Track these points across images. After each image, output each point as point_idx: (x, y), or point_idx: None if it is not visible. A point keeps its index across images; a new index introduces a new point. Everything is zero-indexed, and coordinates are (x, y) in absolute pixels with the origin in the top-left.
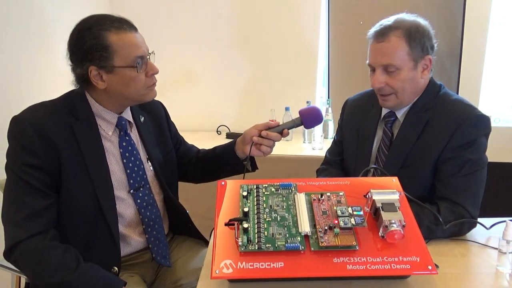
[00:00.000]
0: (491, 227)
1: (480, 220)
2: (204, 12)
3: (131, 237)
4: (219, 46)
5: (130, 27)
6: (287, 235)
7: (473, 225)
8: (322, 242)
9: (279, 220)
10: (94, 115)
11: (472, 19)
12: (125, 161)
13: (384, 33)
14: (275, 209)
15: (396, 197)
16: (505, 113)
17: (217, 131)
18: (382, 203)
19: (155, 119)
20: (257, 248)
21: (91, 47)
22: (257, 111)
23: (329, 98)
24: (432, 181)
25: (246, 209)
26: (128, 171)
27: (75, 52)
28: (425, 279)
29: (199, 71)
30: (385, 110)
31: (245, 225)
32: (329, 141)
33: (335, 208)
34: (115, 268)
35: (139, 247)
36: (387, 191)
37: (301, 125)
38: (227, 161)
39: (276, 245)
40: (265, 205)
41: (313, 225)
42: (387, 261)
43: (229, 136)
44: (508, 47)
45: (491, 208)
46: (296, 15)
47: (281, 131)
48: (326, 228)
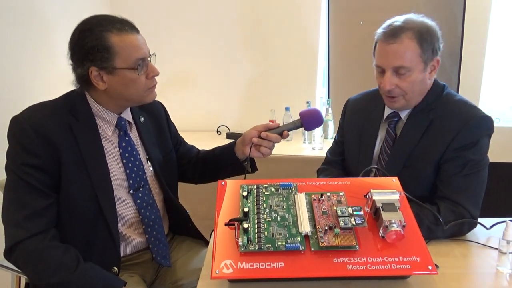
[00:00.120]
0: (491, 227)
1: (480, 220)
2: (204, 12)
3: (131, 237)
4: (219, 46)
5: (132, 29)
6: (287, 235)
7: (473, 225)
8: (322, 242)
9: (279, 220)
10: (94, 115)
11: (472, 19)
12: (124, 161)
13: (395, 34)
14: (275, 209)
15: (396, 197)
16: (505, 113)
17: (217, 131)
18: (382, 203)
19: (155, 120)
20: (257, 248)
21: (92, 47)
22: (257, 111)
23: (329, 98)
24: (434, 181)
25: (246, 209)
26: (127, 172)
27: (76, 52)
28: (425, 279)
29: (199, 71)
30: (388, 110)
31: (245, 225)
32: (329, 141)
33: (335, 208)
34: (115, 268)
35: (139, 247)
36: (387, 191)
37: (301, 127)
38: (226, 162)
39: (276, 245)
40: (265, 205)
41: (313, 225)
42: (387, 261)
43: (229, 136)
44: (508, 47)
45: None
46: (296, 15)
47: (281, 132)
48: (326, 228)
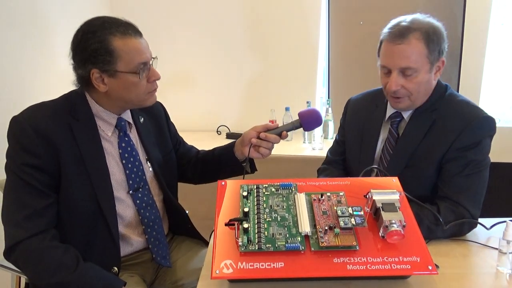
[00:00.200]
0: (492, 227)
1: (480, 220)
2: (204, 12)
3: (131, 238)
4: (219, 46)
5: (135, 33)
6: (287, 235)
7: (473, 225)
8: (322, 242)
9: (279, 220)
10: (93, 115)
11: (472, 19)
12: (124, 161)
13: (402, 35)
14: (275, 209)
15: (396, 197)
16: (505, 113)
17: (217, 131)
18: (382, 203)
19: (155, 120)
20: (257, 248)
21: (95, 50)
22: (257, 111)
23: (329, 98)
24: (435, 181)
25: (246, 209)
26: (127, 172)
27: (78, 53)
28: (425, 279)
29: (199, 71)
30: (390, 110)
31: (245, 225)
32: (329, 141)
33: (335, 208)
34: (115, 268)
35: (139, 247)
36: (387, 191)
37: (300, 128)
38: (226, 163)
39: (276, 245)
40: (265, 205)
41: (313, 225)
42: (387, 261)
43: (229, 136)
44: (508, 47)
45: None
46: (296, 15)
47: (280, 133)
48: (326, 228)
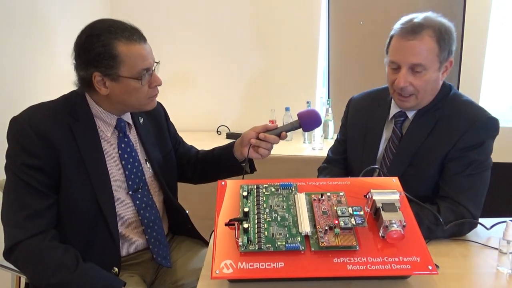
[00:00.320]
0: (492, 227)
1: (480, 220)
2: (204, 12)
3: (131, 238)
4: (219, 46)
5: (140, 38)
6: (287, 235)
7: (473, 225)
8: (322, 242)
9: (279, 220)
10: (93, 116)
11: (472, 19)
12: (123, 162)
13: (415, 31)
14: (275, 209)
15: (396, 197)
16: (505, 113)
17: (217, 131)
18: (382, 203)
19: (154, 120)
20: (257, 248)
21: (98, 54)
22: (257, 111)
23: (329, 98)
24: (438, 181)
25: (246, 209)
26: (126, 173)
27: (81, 55)
28: (426, 279)
29: (199, 71)
30: (394, 109)
31: (245, 225)
32: (329, 142)
33: (335, 208)
34: (115, 268)
35: (139, 248)
36: (387, 191)
37: (300, 128)
38: (225, 163)
39: (276, 245)
40: (265, 205)
41: (313, 225)
42: (387, 261)
43: (229, 136)
44: (508, 48)
45: (491, 208)
46: (296, 15)
47: (280, 133)
48: (326, 228)
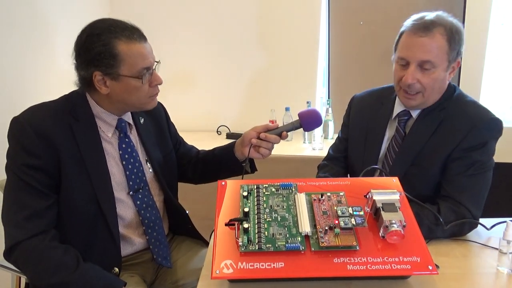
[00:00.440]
0: (492, 227)
1: (480, 220)
2: (204, 12)
3: (132, 238)
4: (219, 46)
5: (140, 37)
6: (288, 235)
7: (474, 226)
8: (322, 242)
9: (279, 220)
10: (94, 116)
11: (472, 19)
12: (124, 163)
13: (427, 28)
14: (276, 209)
15: (396, 197)
16: (505, 113)
17: (217, 132)
18: (382, 203)
19: (155, 120)
20: (257, 248)
21: (99, 53)
22: (257, 111)
23: (329, 98)
24: (439, 180)
25: (246, 209)
26: (127, 173)
27: (81, 55)
28: (426, 279)
29: (199, 71)
30: (398, 108)
31: (246, 225)
32: (329, 142)
33: (335, 208)
34: (116, 269)
35: (139, 248)
36: (388, 191)
37: (300, 128)
38: (226, 163)
39: (276, 245)
40: (265, 205)
41: (314, 225)
42: (387, 261)
43: (229, 136)
44: (508, 48)
45: (491, 208)
46: (296, 15)
47: (280, 133)
48: (326, 228)
